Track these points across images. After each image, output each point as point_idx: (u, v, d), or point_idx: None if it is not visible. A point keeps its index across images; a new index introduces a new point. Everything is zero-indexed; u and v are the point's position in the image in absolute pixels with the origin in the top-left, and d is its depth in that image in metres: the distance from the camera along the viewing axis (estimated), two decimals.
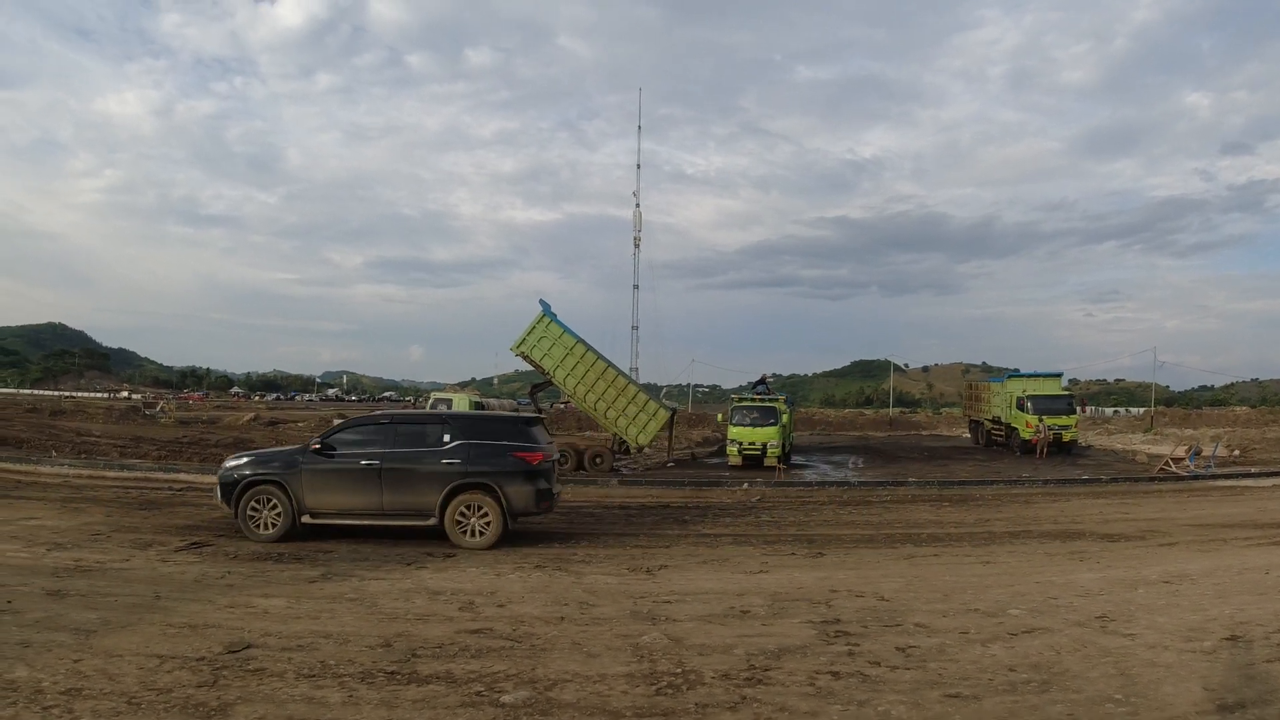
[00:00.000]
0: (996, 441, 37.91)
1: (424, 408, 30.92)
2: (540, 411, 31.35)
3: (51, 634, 6.55)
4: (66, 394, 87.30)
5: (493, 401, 43.99)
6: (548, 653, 6.26)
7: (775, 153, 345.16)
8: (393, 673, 5.74)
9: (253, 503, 11.56)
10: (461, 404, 28.67)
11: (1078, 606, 7.83)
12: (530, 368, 29.58)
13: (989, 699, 5.28)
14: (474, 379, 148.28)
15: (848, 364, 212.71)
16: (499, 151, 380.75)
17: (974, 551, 11.44)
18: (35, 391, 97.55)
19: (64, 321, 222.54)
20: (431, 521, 11.38)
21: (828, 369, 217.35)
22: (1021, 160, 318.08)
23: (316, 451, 11.65)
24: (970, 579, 9.31)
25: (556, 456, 12.59)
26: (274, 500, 11.51)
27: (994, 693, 5.40)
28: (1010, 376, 37.63)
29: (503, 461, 11.47)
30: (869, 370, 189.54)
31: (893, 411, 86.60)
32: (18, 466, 21.10)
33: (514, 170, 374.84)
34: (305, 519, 11.55)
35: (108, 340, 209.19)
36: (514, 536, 11.75)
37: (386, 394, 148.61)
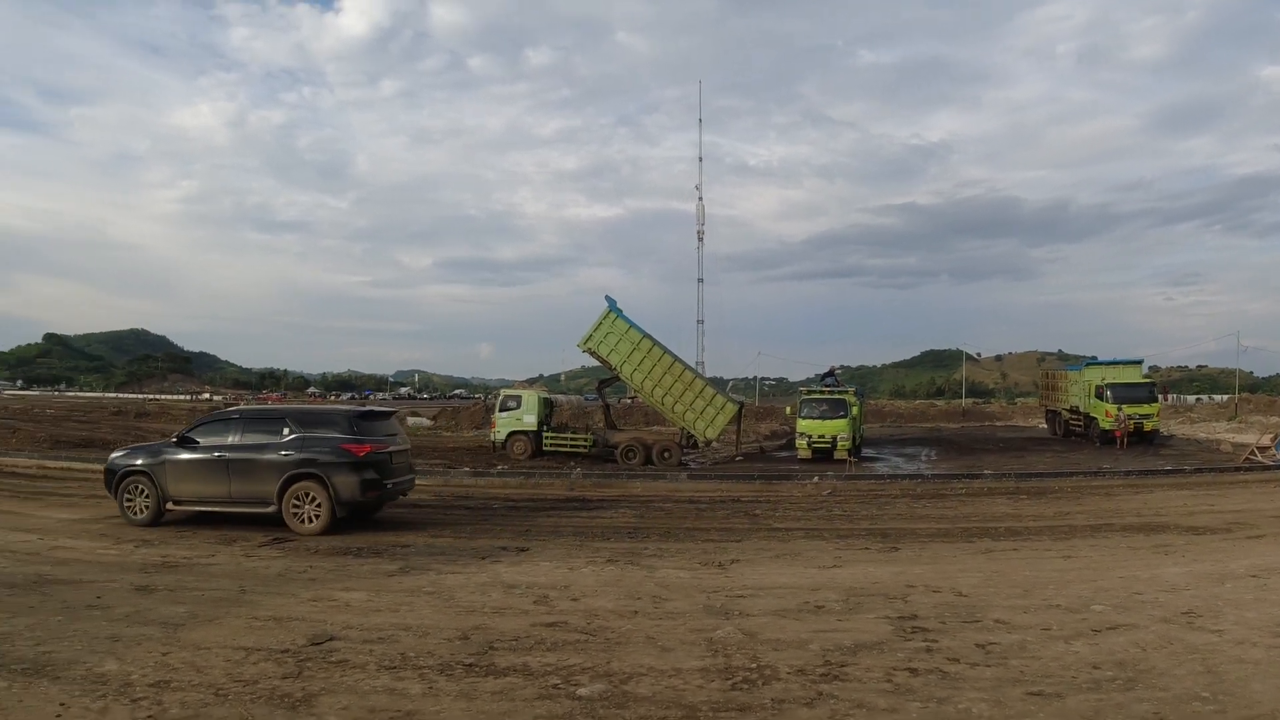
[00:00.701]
0: (1074, 432, 36.88)
1: (494, 403, 31.33)
2: (608, 406, 31.58)
3: (140, 628, 6.81)
4: (150, 397, 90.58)
5: (560, 398, 44.34)
6: (622, 646, 6.28)
7: (838, 140, 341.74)
8: (471, 665, 5.83)
9: (127, 491, 12.63)
10: (530, 400, 28.93)
11: (1163, 602, 7.58)
12: (597, 363, 29.75)
13: (1072, 697, 5.14)
14: (541, 375, 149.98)
15: (918, 354, 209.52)
16: (560, 150, 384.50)
17: (1054, 545, 11.15)
18: (120, 395, 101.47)
19: (146, 327, 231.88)
20: (272, 509, 12.01)
21: (897, 360, 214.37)
22: (1094, 140, 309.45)
23: (177, 444, 12.76)
24: (1051, 574, 9.07)
25: (394, 449, 12.98)
26: (144, 488, 12.54)
27: (1077, 690, 5.26)
28: (1088, 364, 36.57)
29: (332, 453, 12.02)
30: (940, 360, 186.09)
31: (965, 402, 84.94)
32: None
33: (576, 168, 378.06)
34: (169, 506, 12.58)
35: (188, 344, 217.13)
36: (584, 533, 11.79)
37: (457, 391, 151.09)
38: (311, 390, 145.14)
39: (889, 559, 10.18)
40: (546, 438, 28.21)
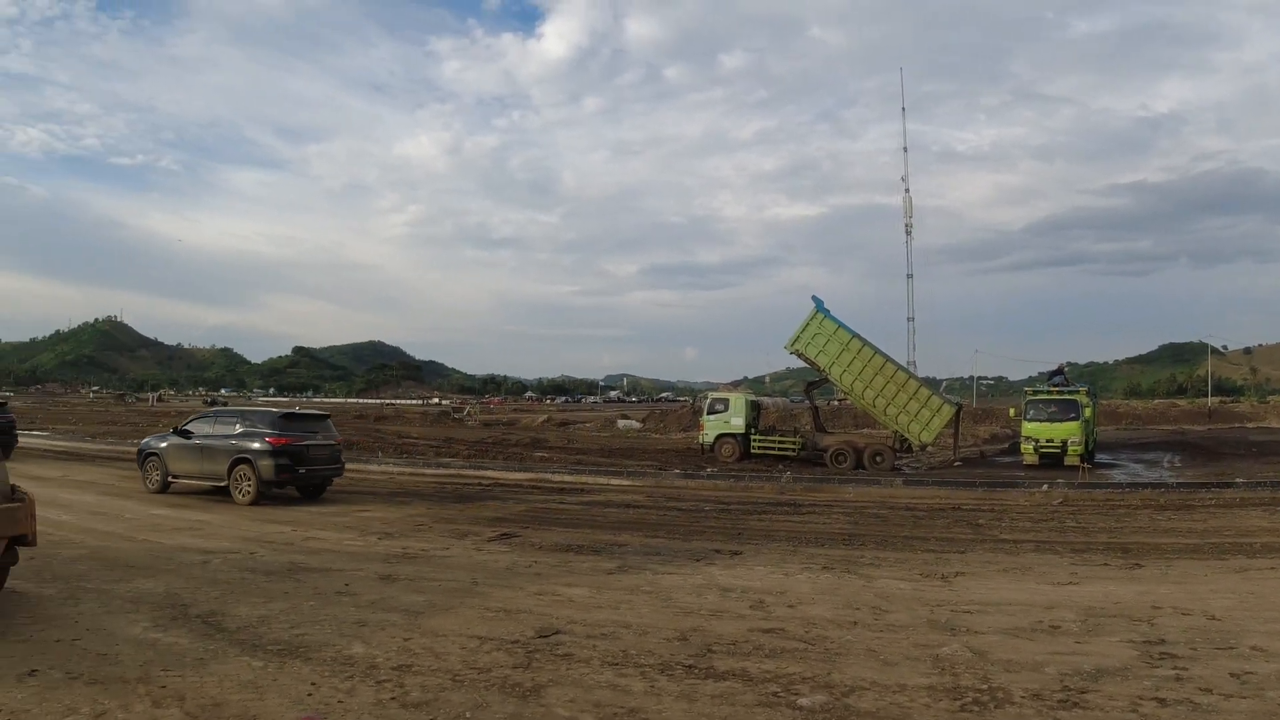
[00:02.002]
0: None
1: (702, 405, 31.70)
2: (815, 409, 31.09)
3: (384, 614, 7.35)
4: (387, 401, 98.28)
5: (766, 400, 44.12)
6: (842, 657, 6.16)
7: (1055, 118, 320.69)
8: (690, 666, 5.90)
9: (145, 467, 16.62)
10: (738, 403, 28.97)
11: None
12: (801, 364, 29.38)
13: None
14: (745, 377, 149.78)
15: (1155, 348, 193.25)
16: (759, 151, 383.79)
17: None
18: (360, 400, 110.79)
19: (381, 339, 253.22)
20: (224, 483, 15.28)
21: (1131, 354, 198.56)
22: None
23: (176, 434, 16.50)
24: None
25: (311, 444, 15.73)
26: (156, 465, 16.38)
27: None
28: None
29: (260, 444, 15.11)
30: (1180, 354, 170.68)
31: (1211, 401, 77.16)
32: (350, 465, 23.96)
33: (775, 168, 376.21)
34: (171, 479, 16.21)
35: (419, 354, 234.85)
36: (797, 539, 11.69)
37: (663, 394, 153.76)
38: (528, 394, 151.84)
39: (1131, 577, 9.41)
40: (754, 440, 28.14)
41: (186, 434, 16.20)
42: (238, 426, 15.72)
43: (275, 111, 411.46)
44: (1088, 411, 26.45)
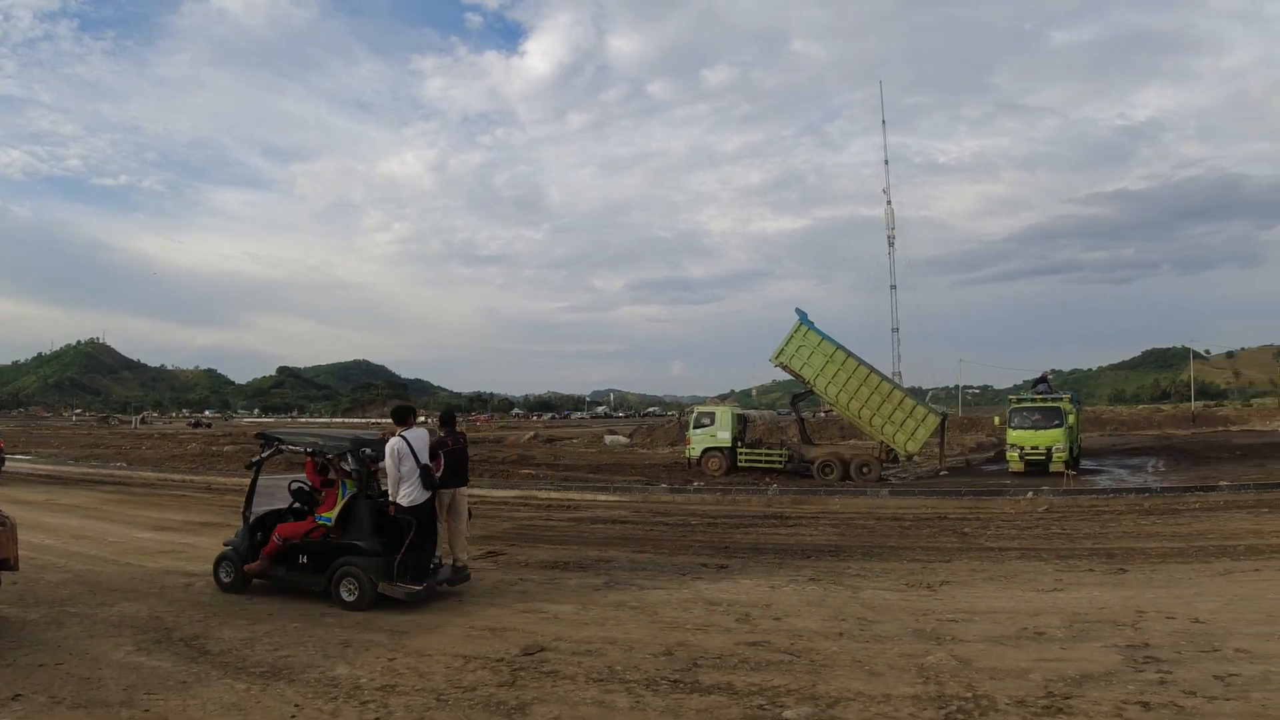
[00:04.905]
0: None
1: (689, 419, 31.70)
2: (802, 421, 31.19)
3: (369, 635, 7.32)
4: (373, 421, 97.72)
5: (752, 413, 44.17)
6: (828, 669, 6.17)
7: (1037, 128, 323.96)
8: (676, 681, 5.90)
9: None
10: (724, 417, 28.99)
11: None
12: (788, 377, 29.46)
13: None
14: (732, 391, 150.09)
15: (1138, 354, 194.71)
16: (745, 165, 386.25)
17: None
18: (346, 419, 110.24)
19: (367, 358, 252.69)
20: None
21: (1115, 361, 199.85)
22: None
23: None
24: None
25: None
26: None
27: None
28: None
29: None
30: (1164, 360, 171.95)
31: (1194, 405, 77.70)
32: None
33: (761, 181, 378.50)
34: None
35: (405, 372, 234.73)
36: (785, 551, 11.74)
37: (651, 409, 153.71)
38: (515, 411, 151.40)
39: (1116, 582, 9.46)
40: (741, 454, 28.15)
41: None
42: None
43: (260, 131, 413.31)
44: (1071, 418, 26.61)
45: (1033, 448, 26.01)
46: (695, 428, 29.26)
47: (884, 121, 60.57)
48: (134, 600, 8.70)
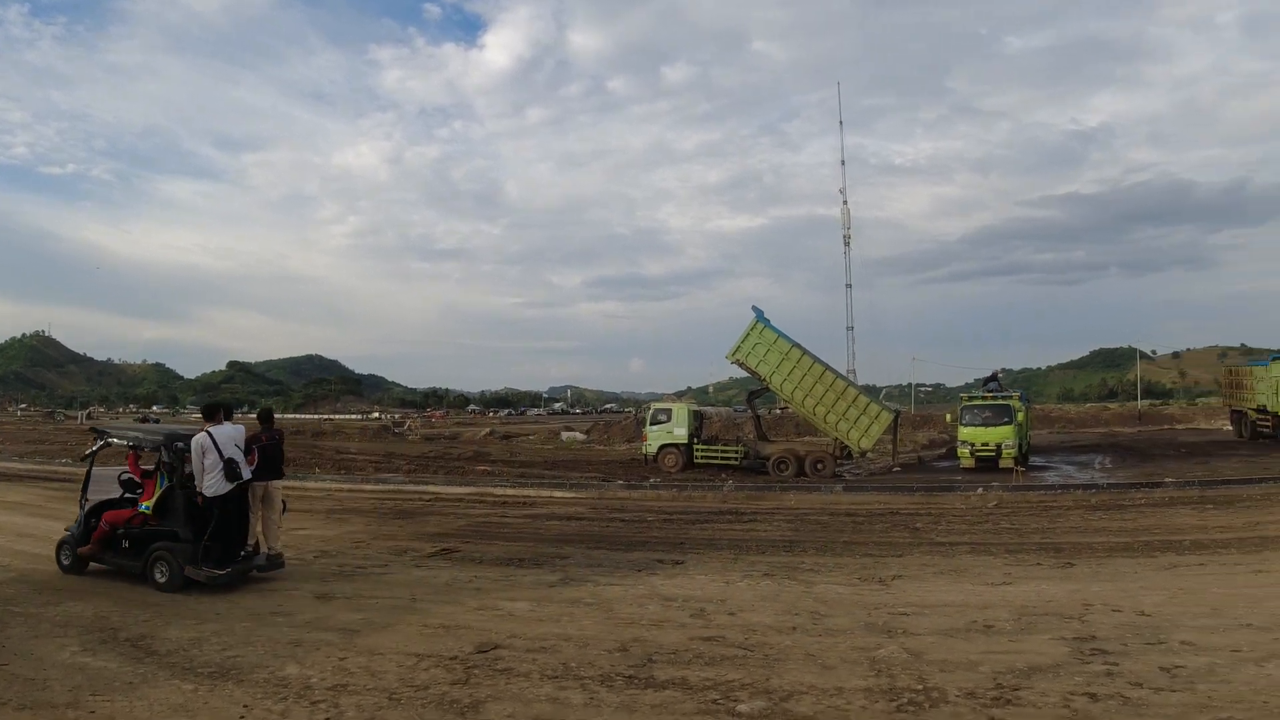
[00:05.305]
0: (1263, 433, 33.61)
1: (645, 415, 31.71)
2: (758, 418, 31.36)
3: (320, 634, 7.23)
4: (325, 417, 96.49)
5: (710, 410, 44.33)
6: (782, 663, 6.21)
7: (992, 132, 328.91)
8: (631, 677, 5.90)
9: None
10: (681, 413, 29.03)
11: None
12: (745, 375, 29.59)
13: None
14: (689, 388, 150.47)
15: (1086, 354, 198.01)
16: (704, 163, 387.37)
17: (1245, 559, 10.30)
18: (298, 415, 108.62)
19: (321, 353, 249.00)
20: None
21: (1064, 360, 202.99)
22: (1272, 113, 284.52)
23: None
24: (1241, 590, 8.42)
25: None
26: None
27: (1270, 717, 4.89)
28: (1275, 358, 33.39)
29: None
30: (1111, 360, 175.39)
31: (1141, 404, 79.34)
32: (286, 483, 23.34)
33: (719, 180, 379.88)
34: None
35: (359, 367, 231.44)
36: (740, 547, 11.83)
37: (608, 405, 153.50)
38: (471, 408, 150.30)
39: (1063, 575, 9.64)
40: (697, 450, 28.21)
41: None
42: None
43: (213, 120, 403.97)
44: (1021, 416, 27.04)
45: (983, 444, 26.40)
46: (652, 424, 29.26)
47: (841, 123, 61.01)
48: (79, 600, 8.53)
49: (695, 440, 28.53)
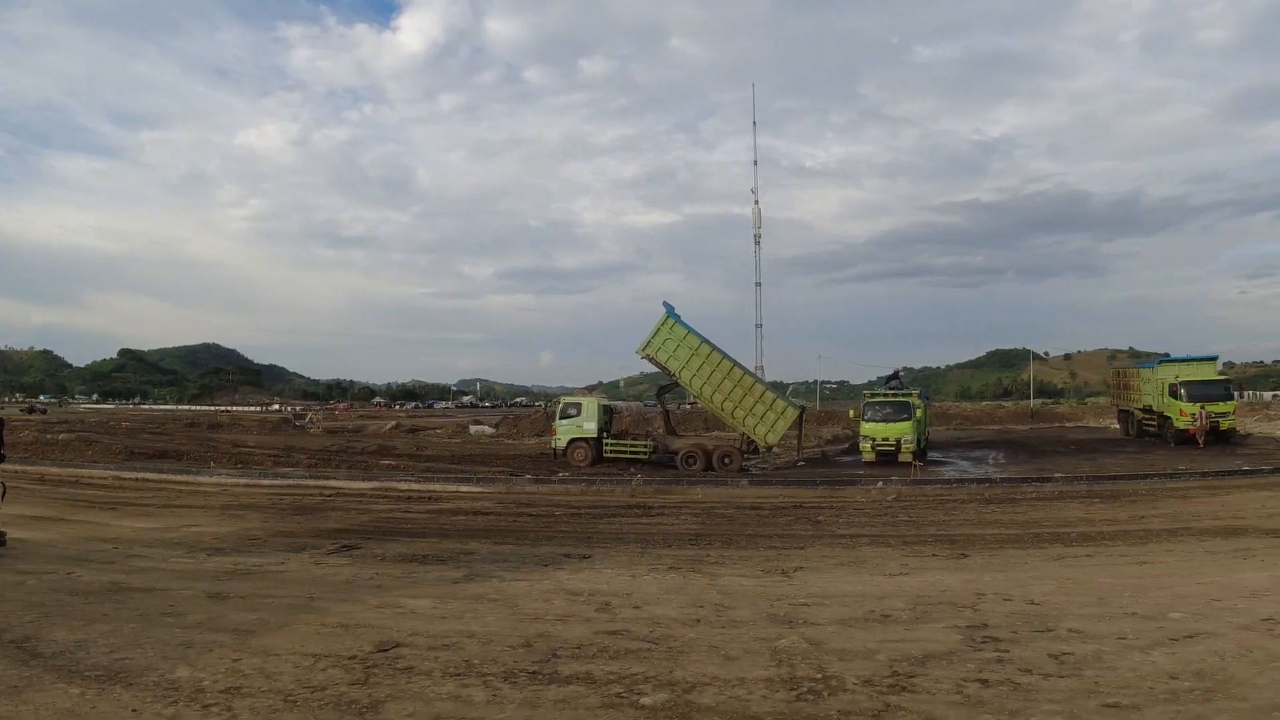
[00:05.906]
0: (1148, 432, 35.67)
1: (555, 409, 31.60)
2: (667, 412, 31.56)
3: (213, 635, 6.94)
4: (222, 409, 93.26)
5: (620, 404, 44.39)
6: (685, 655, 6.24)
7: (899, 138, 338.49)
8: (534, 673, 5.84)
9: None
10: (590, 408, 29.00)
11: (1243, 609, 7.29)
12: (656, 370, 29.71)
13: (1150, 709, 4.96)
14: (600, 382, 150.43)
15: (983, 354, 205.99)
16: (619, 158, 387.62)
17: (1129, 551, 10.82)
18: (193, 407, 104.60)
19: (218, 341, 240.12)
20: None
21: (962, 360, 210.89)
22: (1166, 129, 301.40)
23: None
24: (1127, 580, 8.79)
25: None
26: None
27: (1155, 702, 5.08)
28: (1161, 362, 35.30)
29: None
30: (1007, 360, 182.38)
31: (1034, 403, 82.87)
32: (179, 477, 22.60)
33: (634, 175, 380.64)
34: None
35: (259, 358, 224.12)
36: (647, 541, 11.82)
37: (518, 399, 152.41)
38: (377, 400, 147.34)
39: (958, 566, 9.97)
40: (607, 444, 28.23)
41: None
42: None
43: (111, 95, 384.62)
44: (919, 412, 27.94)
45: (884, 439, 27.16)
46: (561, 418, 29.14)
47: (755, 123, 61.72)
48: None
49: (605, 435, 28.53)
